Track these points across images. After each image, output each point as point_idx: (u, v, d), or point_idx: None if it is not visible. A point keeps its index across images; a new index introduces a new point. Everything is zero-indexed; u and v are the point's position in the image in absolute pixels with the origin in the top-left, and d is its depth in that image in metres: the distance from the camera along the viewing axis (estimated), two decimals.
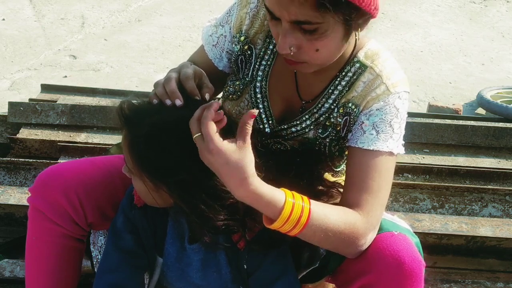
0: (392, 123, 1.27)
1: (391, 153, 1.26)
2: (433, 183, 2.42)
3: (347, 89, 1.32)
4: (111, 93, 3.02)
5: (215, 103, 1.10)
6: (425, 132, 2.70)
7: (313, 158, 1.36)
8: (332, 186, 1.35)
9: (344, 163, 1.43)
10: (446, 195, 2.39)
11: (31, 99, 2.89)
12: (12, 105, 2.61)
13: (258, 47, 1.38)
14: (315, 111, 1.35)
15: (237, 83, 1.41)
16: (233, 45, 1.41)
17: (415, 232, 2.00)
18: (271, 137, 1.37)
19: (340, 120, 1.33)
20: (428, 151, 2.70)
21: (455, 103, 3.72)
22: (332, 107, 1.33)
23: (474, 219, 2.14)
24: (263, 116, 1.38)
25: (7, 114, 2.62)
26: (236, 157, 1.07)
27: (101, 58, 4.08)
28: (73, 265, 1.46)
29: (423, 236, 2.02)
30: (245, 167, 1.08)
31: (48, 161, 2.34)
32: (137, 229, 1.34)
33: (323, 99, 1.34)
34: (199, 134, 1.07)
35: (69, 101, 2.76)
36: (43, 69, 3.87)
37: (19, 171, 2.34)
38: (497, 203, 2.40)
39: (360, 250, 1.23)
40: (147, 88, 3.60)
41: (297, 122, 1.36)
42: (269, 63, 1.38)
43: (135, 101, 1.19)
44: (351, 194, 1.24)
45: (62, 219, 1.37)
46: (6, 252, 1.93)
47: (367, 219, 1.21)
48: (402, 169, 2.51)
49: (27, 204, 1.42)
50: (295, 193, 1.15)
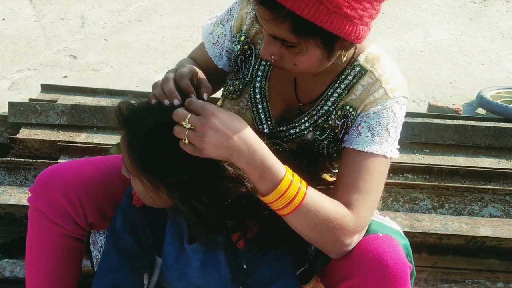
0: (388, 127, 1.27)
1: (384, 157, 1.26)
2: (433, 183, 2.42)
3: (346, 92, 1.32)
4: (111, 93, 3.02)
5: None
6: (425, 132, 2.70)
7: (311, 159, 1.36)
8: (330, 184, 1.35)
9: None
10: (446, 195, 2.39)
11: (31, 99, 2.89)
12: (12, 105, 2.61)
13: (258, 47, 1.38)
14: (314, 113, 1.35)
15: (237, 82, 1.41)
16: (233, 45, 1.42)
17: (415, 232, 2.02)
18: (270, 138, 1.37)
19: (338, 122, 1.33)
20: (428, 151, 2.70)
21: (455, 103, 3.72)
22: (330, 109, 1.34)
23: (474, 219, 2.14)
24: (262, 116, 1.39)
25: (7, 114, 2.62)
26: (236, 116, 1.11)
27: (101, 58, 4.08)
28: (73, 265, 1.46)
29: (423, 236, 2.02)
30: (247, 126, 1.11)
31: (48, 161, 2.34)
32: (136, 230, 1.34)
33: (322, 102, 1.34)
34: (189, 114, 1.08)
35: (69, 101, 2.76)
36: (43, 69, 3.87)
37: (19, 171, 2.34)
38: (497, 203, 2.40)
39: (345, 250, 1.23)
40: (147, 88, 3.60)
41: (296, 124, 1.36)
42: (269, 63, 1.38)
43: (133, 102, 1.19)
44: (342, 193, 1.24)
45: (62, 219, 1.37)
46: (6, 252, 1.93)
47: (356, 218, 1.21)
48: (402, 169, 2.51)
49: (27, 204, 1.42)
50: (295, 174, 1.16)
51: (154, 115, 1.15)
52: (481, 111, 3.77)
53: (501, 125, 2.78)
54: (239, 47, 1.40)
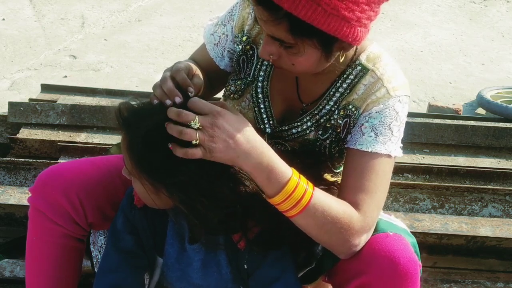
0: (391, 126, 1.27)
1: (389, 156, 1.27)
2: (433, 183, 2.42)
3: (348, 91, 1.32)
4: (111, 93, 3.02)
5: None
6: (425, 132, 2.70)
7: (313, 159, 1.36)
8: (332, 184, 1.35)
9: (343, 164, 1.43)
10: (446, 195, 2.39)
11: (31, 99, 2.89)
12: (12, 105, 2.61)
13: (260, 47, 1.38)
14: (316, 112, 1.35)
15: (239, 82, 1.41)
16: (235, 45, 1.42)
17: (415, 232, 2.02)
18: (272, 138, 1.38)
19: (340, 122, 1.33)
20: (428, 151, 2.70)
21: (455, 103, 3.72)
22: (333, 109, 1.34)
23: (474, 219, 2.14)
24: (264, 116, 1.39)
25: (7, 114, 2.62)
26: (242, 117, 1.12)
27: (101, 58, 4.08)
28: (74, 265, 1.46)
29: (423, 236, 2.02)
30: (252, 128, 1.12)
31: (48, 161, 2.34)
32: (137, 230, 1.34)
33: (324, 101, 1.34)
34: (196, 116, 1.08)
35: (69, 101, 2.76)
36: (43, 69, 3.87)
37: (19, 171, 2.34)
38: (497, 203, 2.40)
39: (353, 250, 1.23)
40: (147, 88, 3.60)
41: (298, 123, 1.36)
42: (270, 63, 1.38)
43: (133, 103, 1.19)
44: (348, 194, 1.24)
45: (62, 219, 1.37)
46: (6, 252, 1.93)
47: (363, 218, 1.21)
48: (402, 169, 2.51)
49: (27, 204, 1.42)
50: (301, 175, 1.16)
51: (154, 116, 1.14)
52: (481, 111, 3.77)
53: (501, 125, 2.78)
54: (241, 47, 1.40)
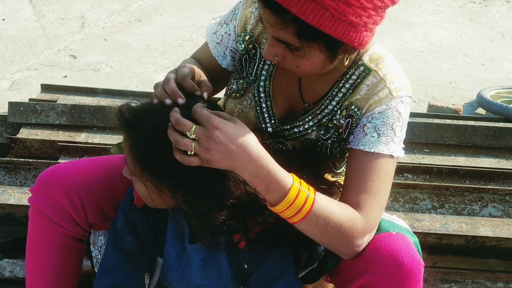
0: (394, 127, 1.27)
1: (391, 156, 1.27)
2: (433, 183, 2.42)
3: (350, 91, 1.32)
4: (111, 93, 3.02)
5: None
6: (425, 132, 2.70)
7: (314, 158, 1.36)
8: (332, 184, 1.35)
9: (344, 165, 1.43)
10: (446, 195, 2.39)
11: (31, 99, 2.89)
12: (12, 105, 2.61)
13: (262, 47, 1.38)
14: (318, 112, 1.35)
15: (241, 81, 1.41)
16: (238, 44, 1.41)
17: (415, 232, 2.01)
18: (273, 137, 1.38)
19: (342, 122, 1.33)
20: (428, 151, 2.70)
21: (455, 103, 3.72)
22: (335, 109, 1.34)
23: (474, 219, 2.14)
24: (266, 115, 1.39)
25: (7, 114, 2.63)
26: (240, 127, 1.10)
27: (101, 58, 4.08)
28: (74, 265, 1.46)
29: (423, 236, 2.02)
30: (253, 137, 1.10)
31: (48, 161, 2.35)
32: (137, 230, 1.34)
33: (327, 101, 1.34)
34: (194, 125, 1.08)
35: (69, 101, 2.76)
36: (43, 69, 3.87)
37: (19, 171, 2.34)
38: (497, 203, 2.40)
39: (356, 251, 1.23)
40: (147, 88, 3.60)
41: (300, 123, 1.36)
42: (273, 63, 1.38)
43: (134, 104, 1.19)
44: (350, 195, 1.24)
45: (63, 219, 1.37)
46: (6, 252, 1.93)
47: (366, 219, 1.22)
48: (402, 169, 2.51)
49: (27, 204, 1.42)
50: (302, 181, 1.16)
51: (156, 116, 1.14)
52: (481, 111, 3.77)
53: (501, 125, 2.78)
54: (243, 46, 1.40)
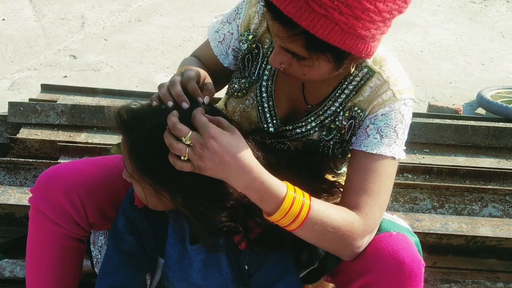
0: (396, 129, 1.27)
1: (393, 158, 1.27)
2: (433, 183, 2.42)
3: (354, 93, 1.32)
4: (111, 93, 3.02)
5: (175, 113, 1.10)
6: (425, 132, 2.70)
7: (315, 159, 1.36)
8: (332, 184, 1.35)
9: (345, 166, 1.43)
10: (446, 195, 2.39)
11: (31, 99, 2.89)
12: (12, 105, 2.61)
13: (265, 46, 1.38)
14: (320, 113, 1.35)
15: (243, 81, 1.41)
16: (241, 44, 1.41)
17: (415, 232, 2.01)
18: (275, 137, 1.37)
19: (345, 123, 1.33)
20: (428, 151, 2.70)
21: (455, 103, 3.72)
22: (338, 110, 1.33)
23: (474, 219, 2.14)
24: (268, 115, 1.38)
25: (7, 114, 2.62)
26: (236, 139, 1.09)
27: (101, 58, 4.08)
28: (74, 265, 1.46)
29: (423, 236, 2.02)
30: (247, 149, 1.10)
31: (48, 161, 2.35)
32: (138, 231, 1.34)
33: (330, 102, 1.34)
34: (190, 132, 1.07)
35: (69, 101, 2.76)
36: (43, 69, 3.87)
37: (19, 171, 2.34)
38: (497, 203, 2.40)
39: (356, 252, 1.23)
40: (147, 88, 3.60)
41: (302, 123, 1.36)
42: None
43: (133, 106, 1.18)
44: (351, 196, 1.24)
45: (63, 219, 1.37)
46: (6, 252, 1.93)
47: (365, 220, 1.21)
48: (402, 169, 2.51)
49: (27, 204, 1.42)
50: (297, 188, 1.16)
51: (154, 118, 1.14)
52: (481, 111, 3.77)
53: (501, 125, 2.78)
54: (246, 46, 1.39)
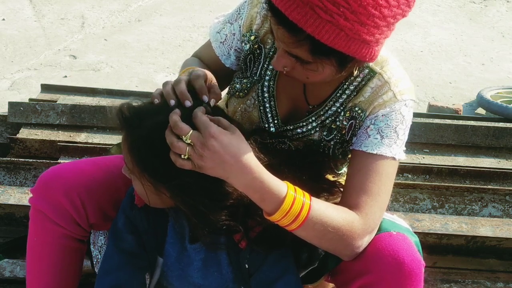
0: (397, 129, 1.27)
1: (393, 159, 1.27)
2: (433, 183, 2.42)
3: (355, 93, 1.32)
4: (111, 93, 3.02)
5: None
6: (425, 132, 2.70)
7: (315, 159, 1.36)
8: (332, 184, 1.35)
9: (345, 166, 1.43)
10: (446, 195, 2.39)
11: (31, 99, 2.89)
12: (12, 105, 2.61)
13: (267, 47, 1.38)
14: (321, 113, 1.35)
15: (245, 81, 1.41)
16: (243, 44, 1.41)
17: (415, 232, 2.00)
18: (276, 137, 1.38)
19: (345, 123, 1.33)
20: (428, 151, 2.70)
21: (455, 103, 3.72)
22: (339, 110, 1.34)
23: (474, 219, 2.14)
24: (269, 115, 1.39)
25: (7, 114, 2.63)
26: (236, 138, 1.10)
27: (101, 58, 4.08)
28: (74, 265, 1.46)
29: (423, 236, 2.02)
30: (248, 149, 1.10)
31: (48, 161, 2.35)
32: (138, 230, 1.34)
33: (331, 102, 1.34)
34: (191, 130, 1.08)
35: (69, 101, 2.76)
36: (43, 69, 3.87)
37: (19, 171, 2.34)
38: (497, 203, 2.40)
39: (356, 252, 1.23)
40: (147, 88, 3.60)
41: (303, 123, 1.36)
42: None
43: (134, 103, 1.19)
44: (351, 196, 1.24)
45: (63, 220, 1.37)
46: (6, 252, 1.93)
47: (365, 220, 1.21)
48: (402, 169, 2.51)
49: (27, 204, 1.42)
50: (297, 188, 1.16)
51: (156, 116, 1.14)
52: (481, 111, 3.77)
53: (501, 125, 2.78)
54: (249, 46, 1.39)
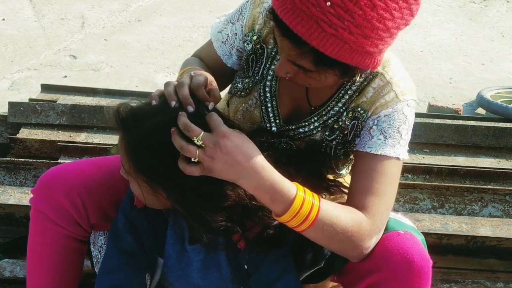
0: (400, 129, 1.27)
1: (397, 159, 1.27)
2: (433, 183, 2.42)
3: (357, 94, 1.32)
4: (111, 93, 3.02)
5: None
6: (425, 132, 2.70)
7: (317, 159, 1.36)
8: (332, 183, 1.35)
9: (346, 167, 1.43)
10: (446, 195, 2.39)
11: (31, 99, 2.89)
12: (12, 105, 2.61)
13: (270, 47, 1.38)
14: (323, 113, 1.35)
15: (246, 80, 1.41)
16: (245, 44, 1.41)
17: None
18: (277, 137, 1.38)
19: (348, 123, 1.33)
20: (428, 151, 2.70)
21: (455, 103, 3.72)
22: (341, 110, 1.34)
23: (474, 219, 2.14)
24: (271, 115, 1.39)
25: (7, 114, 2.63)
26: (247, 139, 1.10)
27: (101, 58, 4.08)
28: (75, 266, 1.46)
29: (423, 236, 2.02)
30: (256, 149, 1.10)
31: (48, 161, 2.35)
32: (138, 230, 1.34)
33: (333, 103, 1.34)
34: (202, 132, 1.08)
35: (69, 101, 2.76)
36: (43, 69, 3.87)
37: (19, 171, 2.34)
38: (497, 203, 2.40)
39: (364, 253, 1.24)
40: (147, 88, 3.60)
41: (305, 123, 1.36)
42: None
43: (132, 104, 1.18)
44: (357, 197, 1.24)
45: (64, 220, 1.37)
46: (6, 252, 1.93)
47: (372, 221, 1.22)
48: (402, 169, 2.49)
49: (27, 204, 1.42)
50: (306, 189, 1.16)
51: (153, 117, 1.14)
52: (481, 111, 3.77)
53: (501, 125, 2.78)
54: (251, 46, 1.39)
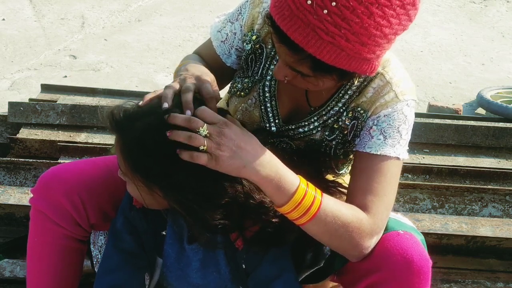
0: (400, 129, 1.27)
1: (397, 158, 1.27)
2: (433, 183, 2.42)
3: (357, 93, 1.32)
4: (111, 93, 3.02)
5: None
6: (425, 132, 2.70)
7: (316, 158, 1.36)
8: (331, 183, 1.35)
9: (346, 166, 1.43)
10: (446, 195, 2.39)
11: (31, 99, 2.89)
12: (12, 105, 2.61)
13: (269, 47, 1.38)
14: (323, 113, 1.35)
15: (246, 80, 1.41)
16: (244, 44, 1.41)
17: None
18: (277, 136, 1.38)
19: (348, 123, 1.33)
20: (428, 151, 2.70)
21: (455, 103, 3.72)
22: (341, 110, 1.34)
23: (474, 219, 2.14)
24: (270, 115, 1.39)
25: (7, 114, 2.63)
26: (245, 129, 1.12)
27: (101, 58, 4.08)
28: (75, 266, 1.46)
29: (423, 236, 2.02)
30: (255, 137, 1.13)
31: (48, 161, 2.35)
32: (137, 230, 1.34)
33: (333, 102, 1.34)
34: (205, 124, 1.09)
35: (69, 101, 2.76)
36: (43, 69, 3.87)
37: (19, 171, 2.34)
38: (497, 203, 2.40)
39: (364, 253, 1.24)
40: (147, 88, 3.60)
41: (305, 123, 1.36)
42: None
43: (129, 105, 1.19)
44: (357, 197, 1.25)
45: (64, 220, 1.37)
46: (6, 252, 1.93)
47: (373, 220, 1.22)
48: (402, 169, 2.49)
49: (27, 204, 1.42)
50: (309, 183, 1.17)
51: (146, 117, 1.14)
52: (481, 111, 3.77)
53: (501, 125, 2.78)
54: (250, 46, 1.39)
